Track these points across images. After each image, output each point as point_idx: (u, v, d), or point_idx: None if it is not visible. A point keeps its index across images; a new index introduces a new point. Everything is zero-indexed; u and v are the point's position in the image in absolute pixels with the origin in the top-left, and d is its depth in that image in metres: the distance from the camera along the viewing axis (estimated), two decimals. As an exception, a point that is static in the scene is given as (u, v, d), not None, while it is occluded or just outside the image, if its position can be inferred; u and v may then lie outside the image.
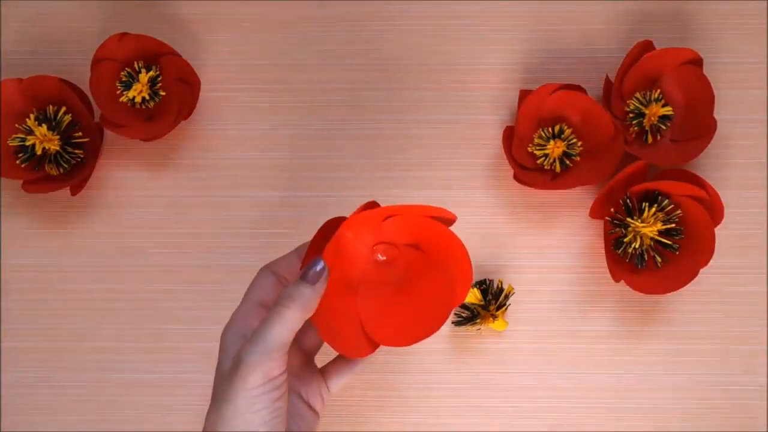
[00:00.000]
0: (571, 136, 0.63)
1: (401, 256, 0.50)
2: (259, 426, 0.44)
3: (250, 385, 0.44)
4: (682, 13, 0.67)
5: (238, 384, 0.44)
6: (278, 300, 0.46)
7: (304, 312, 0.45)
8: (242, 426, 0.44)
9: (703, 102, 0.63)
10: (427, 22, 0.67)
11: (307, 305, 0.45)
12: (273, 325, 0.45)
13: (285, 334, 0.45)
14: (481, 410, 0.63)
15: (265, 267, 0.50)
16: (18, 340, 0.64)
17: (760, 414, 0.63)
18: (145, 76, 0.64)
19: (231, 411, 0.44)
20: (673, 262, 0.61)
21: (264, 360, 0.44)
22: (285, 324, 0.45)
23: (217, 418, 0.45)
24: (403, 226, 0.49)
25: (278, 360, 0.45)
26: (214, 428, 0.45)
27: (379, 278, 0.50)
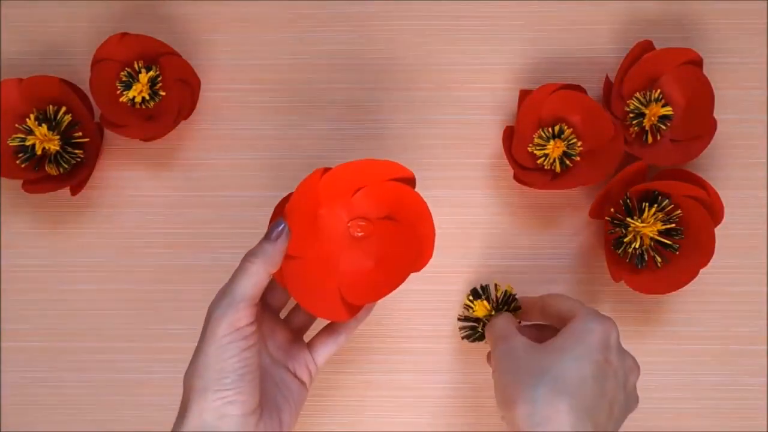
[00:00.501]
0: (571, 136, 0.63)
1: (377, 229, 0.54)
2: (230, 373, 0.47)
3: (218, 335, 0.47)
4: (682, 13, 0.67)
5: (208, 335, 0.47)
6: (243, 258, 0.49)
7: (268, 266, 0.49)
8: (214, 374, 0.47)
9: (703, 102, 0.63)
10: (427, 22, 0.67)
11: (270, 260, 0.49)
12: (238, 279, 0.48)
13: (249, 287, 0.48)
14: (482, 410, 0.63)
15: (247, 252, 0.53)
16: (18, 340, 0.64)
17: (760, 414, 0.63)
18: (145, 76, 0.64)
19: (203, 361, 0.47)
20: (673, 262, 0.61)
21: (230, 312, 0.47)
22: (249, 278, 0.48)
23: (192, 371, 0.48)
24: (374, 198, 0.53)
25: (244, 311, 0.48)
26: (191, 382, 0.47)
27: (357, 252, 0.54)
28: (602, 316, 0.53)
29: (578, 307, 0.54)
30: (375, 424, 0.63)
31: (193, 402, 0.47)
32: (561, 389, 0.49)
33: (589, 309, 0.53)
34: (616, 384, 0.51)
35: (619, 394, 0.52)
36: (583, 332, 0.51)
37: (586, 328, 0.52)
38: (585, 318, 0.52)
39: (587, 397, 0.49)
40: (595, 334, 0.51)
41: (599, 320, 0.52)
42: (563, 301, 0.55)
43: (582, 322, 0.52)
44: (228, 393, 0.47)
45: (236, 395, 0.47)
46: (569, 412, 0.48)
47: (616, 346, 0.52)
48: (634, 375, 0.54)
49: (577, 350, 0.51)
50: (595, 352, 0.51)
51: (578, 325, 0.52)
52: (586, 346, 0.51)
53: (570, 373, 0.49)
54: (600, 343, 0.51)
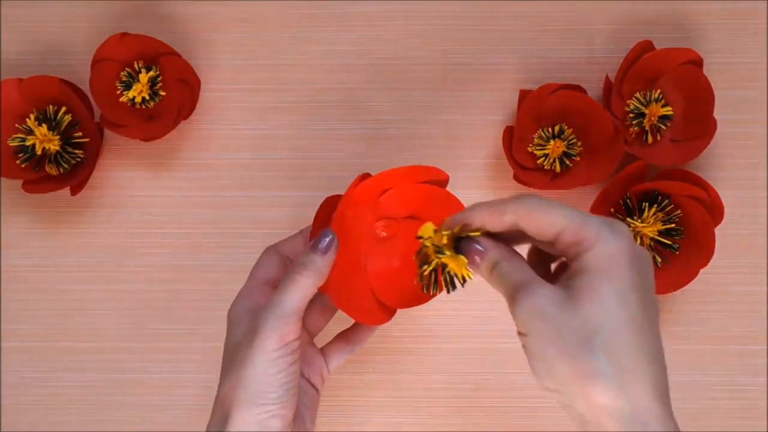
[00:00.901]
0: (571, 136, 0.63)
1: (401, 229, 0.52)
2: (276, 388, 0.46)
3: (268, 348, 0.46)
4: (682, 13, 0.67)
5: (257, 348, 0.46)
6: (291, 269, 0.48)
7: (317, 279, 0.47)
8: (261, 387, 0.46)
9: (703, 102, 0.63)
10: (427, 22, 0.67)
11: (320, 273, 0.48)
12: (288, 292, 0.47)
13: (299, 300, 0.47)
14: (481, 410, 0.63)
15: (270, 247, 0.52)
16: (18, 340, 0.64)
17: (760, 414, 0.63)
18: (145, 76, 0.64)
19: (251, 373, 0.46)
20: (673, 262, 0.61)
21: (280, 325, 0.46)
22: (299, 290, 0.47)
23: (236, 382, 0.46)
24: (400, 199, 0.51)
25: (293, 325, 0.47)
26: (234, 392, 0.46)
27: (383, 253, 0.52)
28: (610, 222, 0.42)
29: (576, 224, 0.42)
30: (375, 424, 0.63)
31: (235, 413, 0.46)
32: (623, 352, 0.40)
33: (591, 221, 0.42)
34: (652, 296, 0.42)
35: (655, 306, 0.42)
36: (611, 261, 0.41)
37: (610, 252, 0.41)
38: (601, 240, 0.41)
39: (652, 340, 0.41)
40: (623, 255, 0.41)
41: (616, 233, 0.41)
42: (544, 216, 0.43)
43: (600, 248, 0.41)
44: (273, 407, 0.46)
45: (280, 410, 0.47)
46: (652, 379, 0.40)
47: (638, 247, 0.42)
48: (652, 267, 0.44)
49: (616, 285, 0.40)
50: (633, 276, 0.41)
51: (600, 254, 0.41)
52: (621, 276, 0.41)
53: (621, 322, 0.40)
54: (631, 262, 0.41)
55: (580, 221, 0.42)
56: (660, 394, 0.40)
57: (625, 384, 0.39)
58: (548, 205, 0.43)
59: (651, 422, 0.39)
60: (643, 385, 0.40)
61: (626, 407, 0.39)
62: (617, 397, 0.39)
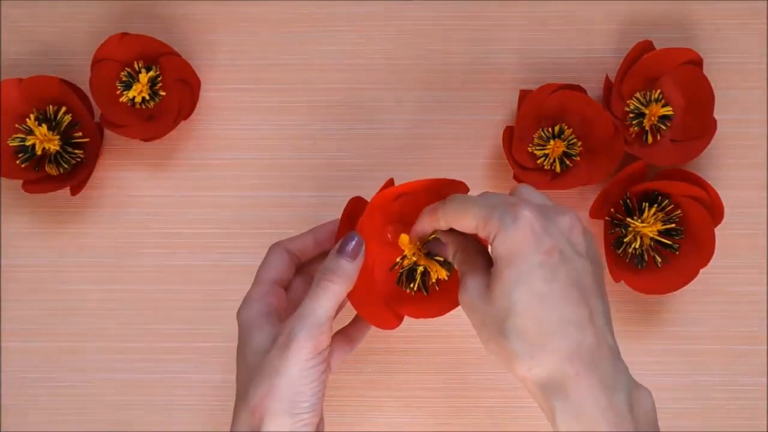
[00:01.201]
0: (571, 136, 0.63)
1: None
2: (309, 397, 0.46)
3: (303, 358, 0.46)
4: (682, 13, 0.67)
5: (293, 357, 0.46)
6: (320, 275, 0.48)
7: (347, 285, 0.48)
8: (296, 398, 0.46)
9: (703, 102, 0.63)
10: (427, 22, 0.67)
11: (350, 279, 0.48)
12: (321, 300, 0.47)
13: (332, 309, 0.47)
14: (481, 410, 0.63)
15: (277, 244, 0.52)
16: (18, 340, 0.64)
17: (760, 414, 0.63)
18: (145, 76, 0.64)
19: (286, 383, 0.46)
20: (673, 262, 0.61)
21: (315, 334, 0.46)
22: (331, 298, 0.47)
23: (268, 391, 0.46)
24: (413, 205, 0.50)
25: (326, 333, 0.47)
26: (267, 402, 0.46)
27: (390, 257, 0.51)
28: (512, 211, 0.44)
29: (483, 220, 0.45)
30: (375, 424, 0.63)
31: (269, 422, 0.46)
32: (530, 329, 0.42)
33: (493, 215, 0.44)
34: (568, 265, 0.43)
35: (578, 271, 0.44)
36: (512, 247, 0.43)
37: (510, 241, 0.43)
38: (501, 231, 0.44)
39: (561, 309, 0.43)
40: (523, 240, 0.43)
41: (516, 222, 0.43)
42: (460, 218, 0.46)
43: (500, 240, 0.44)
44: (306, 416, 0.47)
45: (312, 418, 0.47)
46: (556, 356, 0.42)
47: (541, 226, 0.44)
48: (575, 231, 0.45)
49: (517, 269, 0.43)
50: (535, 257, 0.43)
51: (500, 247, 0.44)
52: (523, 259, 0.43)
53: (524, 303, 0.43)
54: (534, 244, 0.43)
55: (485, 218, 0.45)
56: (569, 355, 0.42)
57: (535, 355, 0.43)
58: (463, 208, 0.46)
59: (564, 382, 0.42)
60: (552, 353, 0.42)
61: (542, 375, 0.43)
62: (533, 368, 0.43)
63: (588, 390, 0.42)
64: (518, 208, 0.44)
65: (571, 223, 0.45)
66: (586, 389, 0.42)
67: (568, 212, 0.46)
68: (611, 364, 0.43)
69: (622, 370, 0.43)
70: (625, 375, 0.43)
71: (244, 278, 0.53)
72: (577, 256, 0.44)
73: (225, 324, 0.64)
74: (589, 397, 0.42)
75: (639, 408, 0.43)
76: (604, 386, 0.42)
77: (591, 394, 0.42)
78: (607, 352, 0.43)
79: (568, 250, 0.44)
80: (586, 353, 0.42)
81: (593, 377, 0.42)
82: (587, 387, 0.42)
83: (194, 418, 0.63)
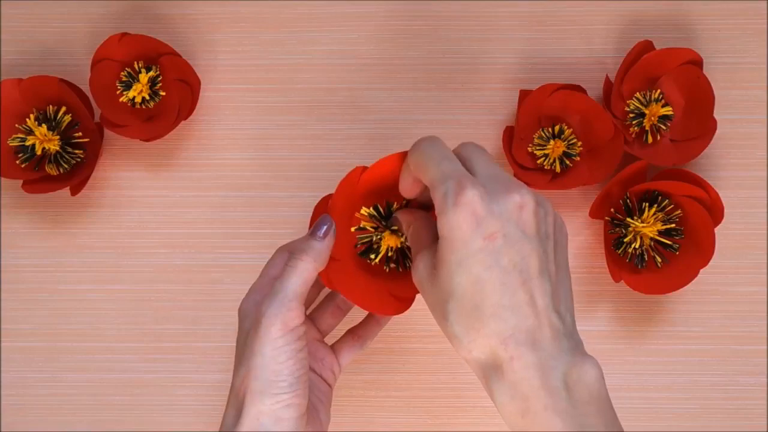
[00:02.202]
0: (571, 136, 0.63)
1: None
2: (286, 376, 0.46)
3: (273, 335, 0.46)
4: (682, 13, 0.67)
5: (263, 335, 0.46)
6: (290, 255, 0.48)
7: (316, 263, 0.48)
8: (272, 376, 0.46)
9: (703, 102, 0.63)
10: (427, 21, 0.67)
11: (318, 257, 0.48)
12: (289, 277, 0.48)
13: (300, 285, 0.48)
14: (481, 410, 0.63)
15: (283, 247, 0.53)
16: (18, 340, 0.64)
17: (760, 414, 0.63)
18: (145, 76, 0.64)
19: (259, 362, 0.46)
20: (673, 262, 0.61)
21: (283, 310, 0.47)
22: (300, 275, 0.48)
23: (246, 373, 0.47)
24: (377, 174, 0.51)
25: (296, 310, 0.47)
26: (245, 383, 0.47)
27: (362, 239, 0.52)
28: (455, 190, 0.43)
29: (433, 189, 0.44)
30: (375, 424, 0.63)
31: (249, 403, 0.46)
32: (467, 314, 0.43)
33: (439, 189, 0.44)
34: (511, 248, 0.43)
35: (523, 254, 0.43)
36: (452, 230, 0.43)
37: (451, 223, 0.43)
38: (443, 211, 0.43)
39: (500, 294, 0.43)
40: (464, 223, 0.43)
41: (458, 203, 0.43)
42: (421, 171, 0.46)
43: (442, 221, 0.43)
44: (285, 396, 0.46)
45: (292, 398, 0.47)
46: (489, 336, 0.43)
47: (485, 209, 0.43)
48: (524, 211, 0.44)
49: (457, 254, 0.43)
50: (475, 241, 0.43)
51: (442, 227, 0.44)
52: (463, 242, 0.43)
53: (463, 287, 0.43)
54: (474, 228, 0.43)
55: (435, 187, 0.44)
56: (503, 339, 0.43)
57: (473, 339, 0.43)
58: (424, 162, 0.46)
59: (500, 365, 0.43)
60: (488, 337, 0.43)
61: (480, 357, 0.44)
62: (472, 351, 0.44)
63: (522, 372, 0.42)
64: (463, 188, 0.43)
65: (521, 201, 0.44)
66: (520, 372, 0.42)
67: (518, 190, 0.44)
68: (551, 344, 0.43)
69: (564, 347, 0.43)
70: (566, 352, 0.43)
71: (244, 278, 0.53)
72: (523, 238, 0.43)
73: (225, 324, 0.64)
74: (523, 379, 0.42)
75: (578, 382, 0.42)
76: (539, 367, 0.42)
77: (525, 375, 0.42)
78: (549, 332, 0.43)
79: (514, 232, 0.43)
80: (523, 336, 0.43)
81: (528, 359, 0.42)
82: (521, 369, 0.42)
83: (194, 418, 0.63)
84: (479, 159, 0.46)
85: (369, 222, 0.52)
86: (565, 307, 0.45)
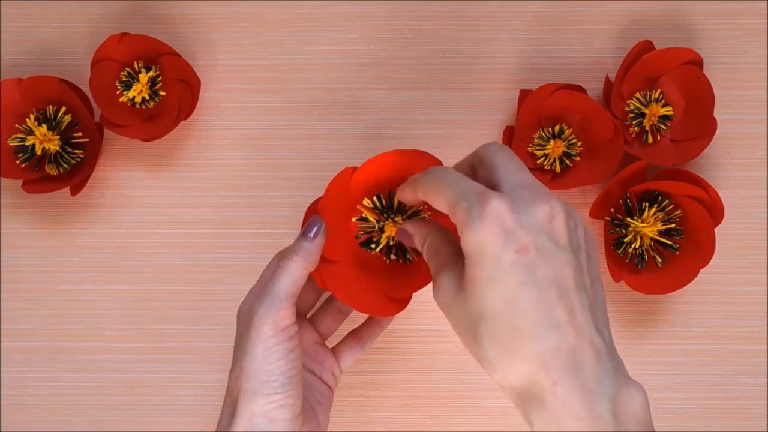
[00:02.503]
0: (571, 136, 0.63)
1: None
2: (278, 376, 0.46)
3: (264, 335, 0.46)
4: (682, 13, 0.67)
5: (254, 336, 0.46)
6: (281, 256, 0.48)
7: (306, 263, 0.48)
8: (263, 377, 0.46)
9: (703, 102, 0.63)
10: (427, 22, 0.67)
11: (309, 257, 0.48)
12: (279, 278, 0.47)
13: (290, 285, 0.47)
14: (481, 410, 0.63)
15: (279, 252, 0.52)
16: (18, 340, 0.64)
17: (760, 414, 0.63)
18: (145, 76, 0.64)
19: (250, 362, 0.46)
20: (673, 262, 0.61)
21: (273, 310, 0.46)
22: (290, 275, 0.47)
23: (239, 374, 0.47)
24: (371, 173, 0.51)
25: (286, 310, 0.47)
26: (238, 383, 0.47)
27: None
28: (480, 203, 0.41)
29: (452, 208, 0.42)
30: (375, 424, 0.63)
31: (242, 405, 0.46)
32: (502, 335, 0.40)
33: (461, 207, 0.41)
34: (545, 261, 0.40)
35: (557, 267, 0.40)
36: (479, 246, 0.40)
37: (477, 238, 0.40)
38: (467, 226, 0.41)
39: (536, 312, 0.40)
40: (492, 237, 0.40)
41: (482, 217, 0.40)
42: (435, 198, 0.44)
43: (466, 237, 0.41)
44: (278, 397, 0.46)
45: (285, 399, 0.46)
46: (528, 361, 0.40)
47: (514, 220, 0.40)
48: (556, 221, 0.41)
49: (487, 271, 0.40)
50: (506, 256, 0.40)
51: (467, 244, 0.41)
52: (492, 259, 0.40)
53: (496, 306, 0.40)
54: (503, 242, 0.40)
55: (454, 204, 0.42)
56: (544, 363, 0.39)
57: (509, 364, 0.40)
58: (437, 185, 0.43)
59: (541, 393, 0.40)
60: (526, 361, 0.40)
61: (517, 383, 0.41)
62: (508, 377, 0.41)
63: (566, 400, 0.39)
64: (487, 199, 0.40)
65: (552, 212, 0.41)
66: (564, 399, 0.39)
67: (548, 199, 0.41)
68: (595, 366, 0.40)
69: (608, 370, 0.40)
70: (611, 376, 0.40)
71: (243, 278, 0.53)
72: (557, 250, 0.41)
73: (225, 324, 0.64)
74: (567, 407, 0.39)
75: (626, 410, 0.39)
76: (583, 393, 0.39)
77: (569, 404, 0.39)
78: (591, 353, 0.40)
79: (546, 244, 0.41)
80: (565, 357, 0.39)
81: (572, 384, 0.39)
82: (565, 397, 0.39)
83: (194, 418, 0.63)
84: (505, 163, 0.43)
85: (371, 213, 0.51)
86: (603, 323, 0.42)
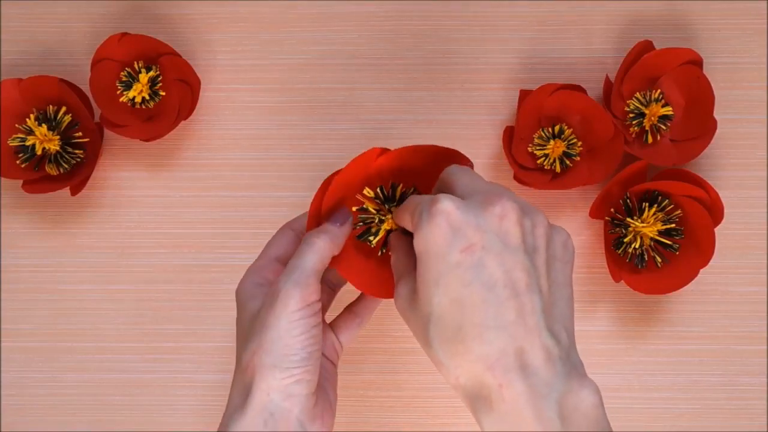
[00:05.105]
0: (571, 136, 0.63)
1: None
2: (299, 351, 0.45)
3: (290, 309, 0.45)
4: (682, 13, 0.67)
5: (280, 310, 0.45)
6: (307, 236, 0.48)
7: (333, 245, 0.47)
8: (285, 350, 0.45)
9: (703, 102, 0.63)
10: (427, 21, 0.67)
11: (335, 239, 0.48)
12: (306, 254, 0.47)
13: (317, 262, 0.46)
14: (481, 410, 0.63)
15: (285, 225, 0.52)
16: (18, 340, 0.64)
17: (760, 414, 0.63)
18: (145, 76, 0.64)
19: (274, 336, 0.45)
20: (673, 262, 0.61)
21: (301, 286, 0.45)
22: (317, 252, 0.47)
23: (258, 347, 0.45)
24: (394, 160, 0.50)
25: (313, 286, 0.46)
26: (257, 358, 0.45)
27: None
28: (429, 206, 0.41)
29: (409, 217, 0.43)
30: (375, 424, 0.63)
31: (259, 379, 0.45)
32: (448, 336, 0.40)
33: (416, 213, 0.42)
34: (492, 261, 0.40)
35: (507, 267, 0.40)
36: (427, 247, 0.41)
37: (425, 240, 0.41)
38: (418, 229, 0.41)
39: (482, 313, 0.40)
40: (438, 238, 0.40)
41: (430, 219, 0.41)
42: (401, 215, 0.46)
43: (416, 238, 0.42)
44: (297, 371, 0.45)
45: (303, 374, 0.45)
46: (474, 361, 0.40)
47: (461, 219, 0.40)
48: (506, 221, 0.41)
49: (433, 271, 0.41)
50: (452, 256, 0.40)
51: (417, 244, 0.42)
52: (438, 259, 0.40)
53: (443, 308, 0.40)
54: (450, 242, 0.40)
55: (410, 215, 0.43)
56: (490, 364, 0.40)
57: (458, 366, 0.41)
58: (403, 206, 0.45)
59: (488, 394, 0.40)
60: (473, 362, 0.40)
61: (467, 385, 0.41)
62: (458, 378, 0.41)
63: (512, 402, 0.39)
64: (436, 201, 0.41)
65: (502, 211, 0.41)
66: (510, 401, 0.39)
67: (501, 198, 0.41)
68: (545, 367, 0.39)
69: (559, 372, 0.40)
70: (562, 377, 0.40)
71: (244, 278, 0.53)
72: (506, 250, 0.40)
73: (225, 324, 0.64)
74: (514, 409, 0.39)
75: (575, 411, 0.39)
76: (530, 395, 0.39)
77: (515, 405, 0.39)
78: (541, 355, 0.40)
79: (495, 244, 0.40)
80: (512, 359, 0.39)
81: (518, 386, 0.39)
82: (511, 399, 0.39)
83: (194, 418, 0.64)
84: (461, 177, 0.44)
85: (372, 204, 0.51)
86: (561, 326, 0.41)
